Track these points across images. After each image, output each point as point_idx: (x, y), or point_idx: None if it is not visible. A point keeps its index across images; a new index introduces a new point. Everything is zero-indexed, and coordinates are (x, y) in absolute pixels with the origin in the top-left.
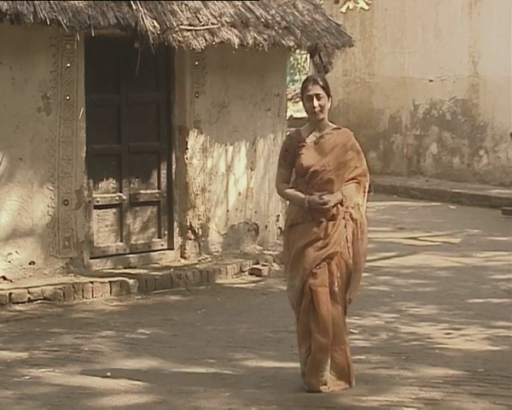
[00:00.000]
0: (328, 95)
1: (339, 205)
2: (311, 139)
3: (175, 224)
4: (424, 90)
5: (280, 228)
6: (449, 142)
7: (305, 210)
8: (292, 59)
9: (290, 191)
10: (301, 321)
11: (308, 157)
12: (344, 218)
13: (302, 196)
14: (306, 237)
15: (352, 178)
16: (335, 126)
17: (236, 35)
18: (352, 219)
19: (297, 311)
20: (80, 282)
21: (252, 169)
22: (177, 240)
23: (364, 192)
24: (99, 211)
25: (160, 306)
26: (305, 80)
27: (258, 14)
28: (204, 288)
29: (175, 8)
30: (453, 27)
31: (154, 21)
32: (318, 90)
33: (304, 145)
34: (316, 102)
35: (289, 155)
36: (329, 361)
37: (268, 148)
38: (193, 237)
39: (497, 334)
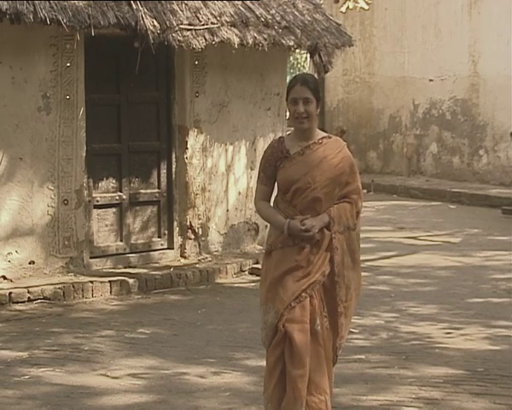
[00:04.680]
0: (318, 99)
1: (325, 229)
2: (295, 150)
3: (175, 223)
4: (424, 89)
5: None
6: (449, 141)
7: (285, 235)
8: (292, 58)
9: (270, 212)
10: (269, 364)
11: (291, 171)
12: (331, 245)
13: (282, 219)
14: (285, 264)
15: (343, 197)
16: (325, 135)
17: (236, 34)
18: (341, 246)
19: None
20: (80, 281)
21: (252, 169)
22: (177, 239)
23: (357, 213)
24: (99, 210)
25: (160, 305)
26: (293, 79)
27: (258, 13)
28: (204, 287)
29: (175, 7)
30: (453, 27)
31: (154, 21)
32: (307, 93)
33: (287, 157)
34: (302, 108)
35: (270, 167)
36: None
37: None
38: (193, 236)
39: (496, 333)
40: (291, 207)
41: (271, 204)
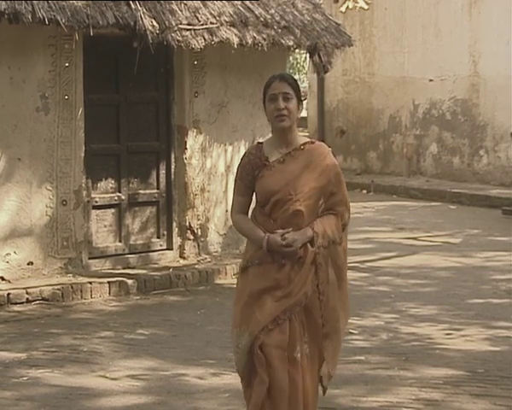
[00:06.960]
0: (299, 98)
1: (308, 245)
2: (274, 157)
3: (174, 224)
4: (424, 89)
5: None
6: (449, 142)
7: (264, 251)
8: (291, 58)
9: (248, 226)
10: (254, 395)
11: (270, 181)
12: (314, 261)
13: (261, 234)
14: (263, 282)
15: (328, 209)
16: (307, 140)
17: (236, 34)
18: (325, 262)
19: (244, 380)
20: (79, 282)
21: None
22: (177, 240)
23: (344, 226)
24: (98, 211)
25: (159, 306)
26: (270, 78)
27: (257, 13)
28: (203, 288)
29: (174, 7)
30: (453, 27)
31: (153, 21)
32: (286, 88)
33: (265, 165)
34: (282, 103)
35: (248, 177)
36: None
37: None
38: (192, 237)
39: (497, 334)
40: (270, 220)
41: (249, 217)
